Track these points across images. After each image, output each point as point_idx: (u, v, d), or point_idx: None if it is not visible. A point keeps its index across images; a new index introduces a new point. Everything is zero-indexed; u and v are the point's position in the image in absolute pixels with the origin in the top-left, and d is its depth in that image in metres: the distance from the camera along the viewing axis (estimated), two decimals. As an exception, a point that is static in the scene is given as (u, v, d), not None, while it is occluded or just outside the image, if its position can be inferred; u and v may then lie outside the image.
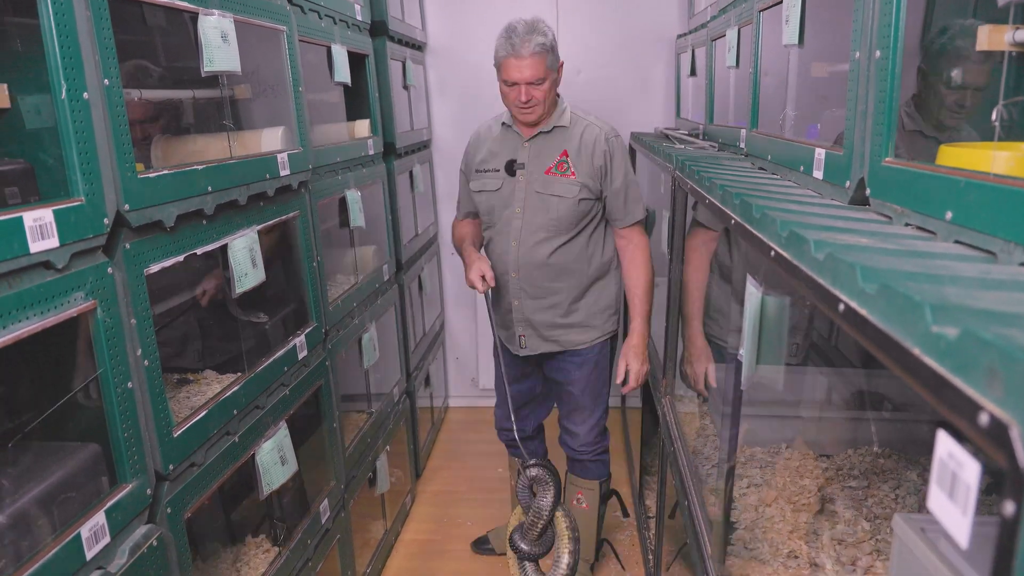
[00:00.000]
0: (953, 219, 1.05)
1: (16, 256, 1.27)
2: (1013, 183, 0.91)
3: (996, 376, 0.55)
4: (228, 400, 2.01)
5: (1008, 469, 0.52)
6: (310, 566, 2.49)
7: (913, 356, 0.67)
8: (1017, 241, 0.90)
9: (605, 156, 2.87)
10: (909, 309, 0.69)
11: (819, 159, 1.61)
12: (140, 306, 1.64)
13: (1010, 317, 0.65)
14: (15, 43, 1.48)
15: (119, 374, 1.55)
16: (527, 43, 2.68)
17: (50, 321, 1.35)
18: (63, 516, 1.44)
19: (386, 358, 3.60)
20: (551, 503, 2.59)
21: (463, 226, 3.22)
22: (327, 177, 2.85)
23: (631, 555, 3.54)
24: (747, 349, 1.33)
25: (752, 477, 2.16)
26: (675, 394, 2.79)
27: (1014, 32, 1.26)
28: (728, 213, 1.55)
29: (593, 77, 4.76)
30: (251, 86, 2.42)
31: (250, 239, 2.12)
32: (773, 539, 1.84)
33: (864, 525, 1.86)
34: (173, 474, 1.74)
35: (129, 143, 1.60)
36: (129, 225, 1.60)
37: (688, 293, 2.74)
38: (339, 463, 2.83)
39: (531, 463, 2.64)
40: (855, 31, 1.42)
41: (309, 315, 2.61)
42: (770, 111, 2.23)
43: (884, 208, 1.30)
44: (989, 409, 0.55)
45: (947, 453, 0.63)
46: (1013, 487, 0.51)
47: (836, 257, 0.89)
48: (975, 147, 1.26)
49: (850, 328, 0.83)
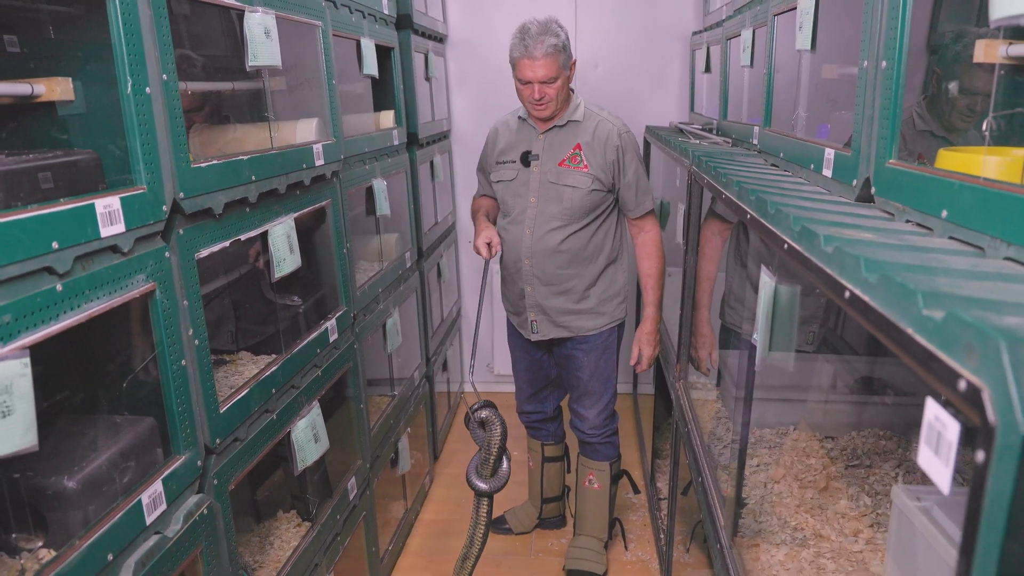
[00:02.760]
0: (948, 217, 1.16)
1: (89, 240, 1.39)
2: (1000, 186, 1.02)
3: (973, 350, 0.66)
4: (267, 380, 2.13)
5: (981, 425, 0.63)
6: (339, 540, 2.62)
7: (907, 335, 0.78)
8: (1003, 238, 1.01)
9: (618, 151, 2.99)
10: (904, 296, 0.80)
11: (828, 159, 1.72)
12: (192, 288, 1.75)
13: (989, 303, 0.76)
14: (79, 40, 1.59)
15: (174, 352, 1.67)
16: (540, 44, 2.80)
17: (117, 301, 1.47)
18: (124, 484, 1.56)
19: (407, 343, 3.72)
20: (500, 438, 2.75)
21: (481, 200, 3.37)
22: (356, 167, 2.96)
23: (643, 534, 3.66)
24: (761, 334, 1.44)
25: (761, 456, 2.27)
26: (688, 380, 2.90)
27: (1007, 47, 1.37)
28: (744, 208, 1.66)
29: (610, 70, 4.87)
30: (285, 78, 2.53)
31: (288, 226, 2.24)
32: (781, 513, 1.96)
33: (866, 500, 1.97)
34: (219, 448, 1.86)
35: (184, 134, 1.71)
36: (183, 212, 1.72)
37: (699, 282, 2.86)
38: (365, 443, 2.95)
39: (477, 406, 2.81)
40: (864, 41, 1.53)
41: (340, 300, 2.73)
42: (783, 110, 2.33)
43: (887, 206, 1.41)
44: (967, 377, 0.66)
45: (934, 416, 0.74)
46: (985, 439, 0.62)
47: (843, 251, 1.00)
48: (970, 151, 1.37)
49: (854, 312, 0.94)
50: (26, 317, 1.22)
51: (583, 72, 4.81)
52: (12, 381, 1.15)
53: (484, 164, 3.31)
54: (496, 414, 2.79)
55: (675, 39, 4.80)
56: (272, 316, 2.50)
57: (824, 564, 1.78)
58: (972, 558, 0.65)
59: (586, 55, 4.81)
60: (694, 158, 2.51)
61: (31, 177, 1.39)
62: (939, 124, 2.07)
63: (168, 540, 1.56)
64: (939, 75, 2.07)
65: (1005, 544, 0.61)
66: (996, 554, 0.62)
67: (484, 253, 3.00)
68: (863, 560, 1.79)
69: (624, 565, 3.45)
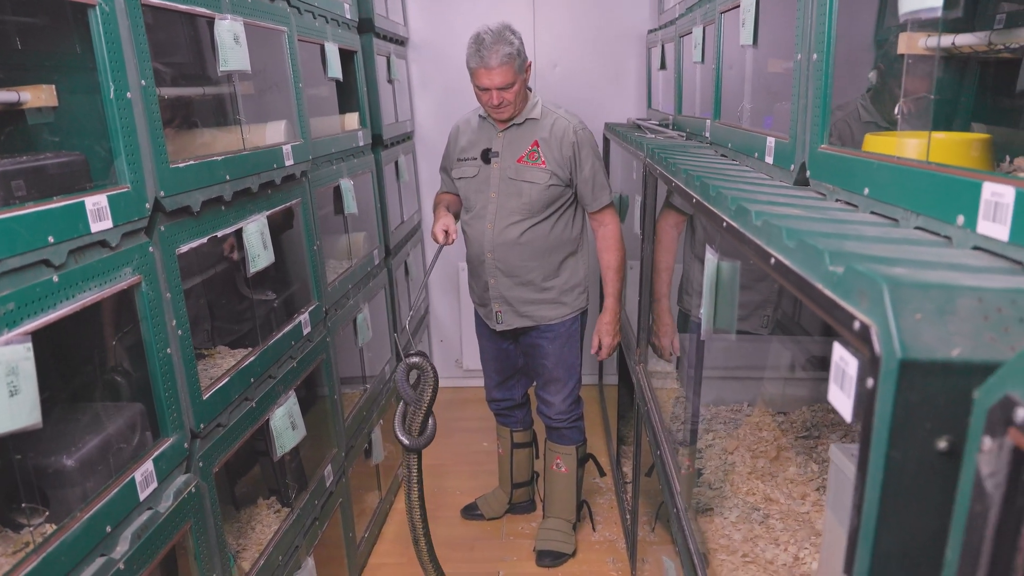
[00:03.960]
0: (870, 194, 1.29)
1: (81, 235, 1.49)
2: (909, 163, 1.15)
3: (864, 295, 0.78)
4: (246, 369, 2.23)
5: (869, 357, 0.75)
6: (317, 525, 2.72)
7: (817, 289, 0.91)
8: (913, 209, 1.14)
9: (574, 147, 3.11)
10: (816, 256, 0.93)
11: (770, 146, 1.85)
12: (174, 282, 1.85)
13: (884, 259, 0.89)
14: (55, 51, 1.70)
15: (160, 341, 1.77)
16: (495, 54, 2.91)
17: (108, 292, 1.57)
18: (117, 464, 1.66)
19: (377, 339, 3.82)
20: (431, 395, 2.74)
21: (443, 195, 3.48)
22: (324, 167, 3.06)
23: (610, 516, 3.80)
24: (706, 306, 1.57)
25: (717, 431, 2.40)
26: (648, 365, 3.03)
27: (926, 39, 1.51)
28: (691, 193, 1.78)
29: (569, 70, 4.99)
30: (254, 83, 2.63)
31: (261, 224, 2.34)
32: (734, 480, 2.09)
33: (813, 467, 2.11)
34: (203, 432, 1.96)
35: (162, 136, 1.81)
36: (164, 210, 1.81)
37: (657, 273, 2.99)
38: (340, 432, 3.06)
39: (412, 353, 2.78)
40: (797, 36, 1.67)
41: (312, 295, 2.83)
42: (732, 104, 2.46)
43: (820, 187, 1.54)
44: (860, 318, 0.78)
45: (839, 357, 0.87)
46: (871, 368, 0.75)
47: (770, 223, 1.13)
48: (890, 135, 1.50)
49: (778, 276, 1.07)
50: (27, 305, 1.32)
51: (542, 72, 4.93)
52: (17, 363, 1.25)
53: (446, 163, 3.43)
54: (430, 364, 2.75)
55: (632, 38, 4.93)
56: (247, 313, 2.60)
57: (773, 524, 1.91)
58: (866, 470, 0.77)
59: (545, 55, 4.94)
60: (648, 151, 2.64)
61: (26, 177, 1.48)
62: (882, 116, 2.20)
63: (160, 515, 1.66)
64: (882, 70, 2.20)
65: (889, 452, 0.74)
66: (882, 462, 0.74)
67: (440, 239, 3.10)
68: (809, 520, 1.93)
69: (592, 545, 3.58)
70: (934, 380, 0.71)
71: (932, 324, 0.73)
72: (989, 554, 0.63)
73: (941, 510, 0.74)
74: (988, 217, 0.95)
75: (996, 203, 0.94)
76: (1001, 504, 0.62)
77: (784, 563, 1.79)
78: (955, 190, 1.02)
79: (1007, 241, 0.92)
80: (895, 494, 0.75)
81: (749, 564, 1.81)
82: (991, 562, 0.63)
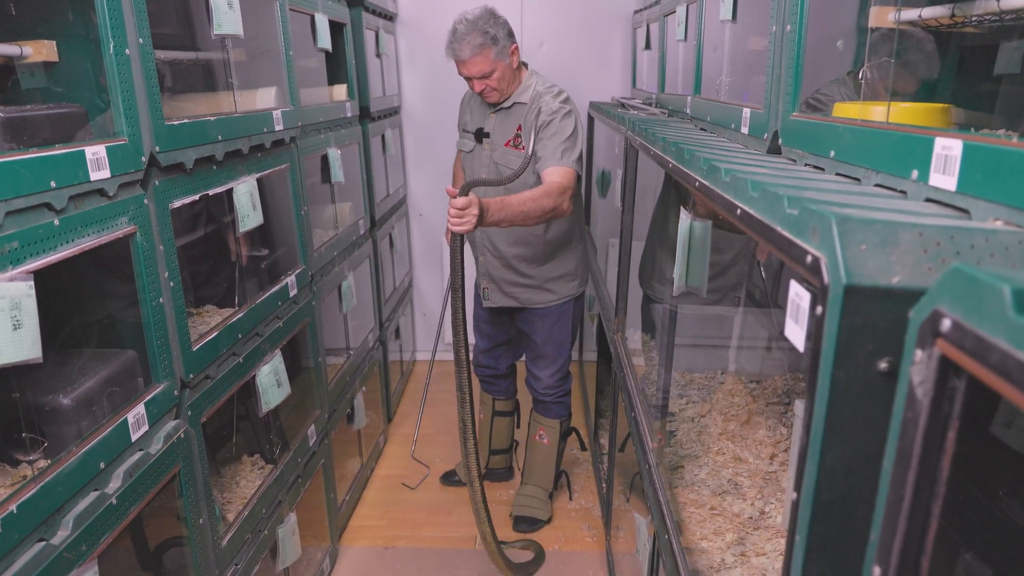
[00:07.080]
0: (835, 156, 1.36)
1: (80, 183, 1.55)
2: (869, 125, 1.23)
3: (815, 232, 0.86)
4: (234, 325, 2.29)
5: (819, 286, 0.83)
6: (300, 482, 2.79)
7: (776, 231, 0.98)
8: (875, 168, 1.22)
9: (539, 121, 3.02)
10: (776, 201, 1.00)
11: (745, 117, 1.92)
12: (166, 235, 1.91)
13: (837, 203, 0.96)
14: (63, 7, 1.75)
15: (153, 290, 1.83)
16: (466, 46, 2.96)
17: (105, 238, 1.63)
18: (111, 406, 1.72)
19: (362, 308, 3.89)
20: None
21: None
22: (312, 135, 3.11)
23: (587, 485, 3.89)
24: (679, 264, 1.64)
25: (691, 396, 2.48)
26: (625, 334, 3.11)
27: (897, 13, 1.58)
28: (667, 159, 1.85)
29: (555, 50, 5.04)
30: (245, 49, 2.68)
31: (251, 185, 2.39)
32: (705, 440, 2.18)
33: (782, 431, 2.19)
34: (193, 382, 2.03)
35: (158, 94, 1.86)
36: (159, 165, 1.87)
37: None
38: (323, 394, 3.12)
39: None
40: (772, 8, 1.73)
41: (298, 258, 2.89)
42: (712, 80, 2.53)
43: (791, 153, 1.61)
44: (811, 252, 0.86)
45: (795, 294, 0.94)
46: (822, 297, 0.82)
47: (737, 177, 1.20)
48: (857, 104, 1.57)
49: (743, 225, 1.14)
50: (30, 245, 1.38)
51: (529, 51, 4.98)
52: (20, 299, 1.31)
53: (459, 123, 3.52)
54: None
55: (618, 19, 4.99)
56: (235, 274, 2.66)
57: (741, 481, 2.00)
58: (814, 390, 0.85)
59: (531, 35, 4.99)
60: (630, 124, 2.71)
61: (30, 124, 1.54)
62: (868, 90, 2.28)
63: (151, 456, 1.73)
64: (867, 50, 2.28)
65: (834, 373, 0.81)
66: (828, 382, 0.82)
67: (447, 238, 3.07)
68: (776, 479, 2.01)
69: (569, 512, 3.67)
70: (876, 305, 0.79)
71: (875, 255, 0.80)
72: (919, 456, 0.71)
73: (882, 426, 0.81)
74: (939, 170, 1.03)
75: (946, 156, 1.01)
76: (929, 409, 0.69)
77: (751, 516, 1.87)
78: (910, 146, 1.09)
79: (955, 191, 0.99)
80: (840, 412, 0.83)
81: (717, 516, 1.89)
82: (920, 464, 0.71)
